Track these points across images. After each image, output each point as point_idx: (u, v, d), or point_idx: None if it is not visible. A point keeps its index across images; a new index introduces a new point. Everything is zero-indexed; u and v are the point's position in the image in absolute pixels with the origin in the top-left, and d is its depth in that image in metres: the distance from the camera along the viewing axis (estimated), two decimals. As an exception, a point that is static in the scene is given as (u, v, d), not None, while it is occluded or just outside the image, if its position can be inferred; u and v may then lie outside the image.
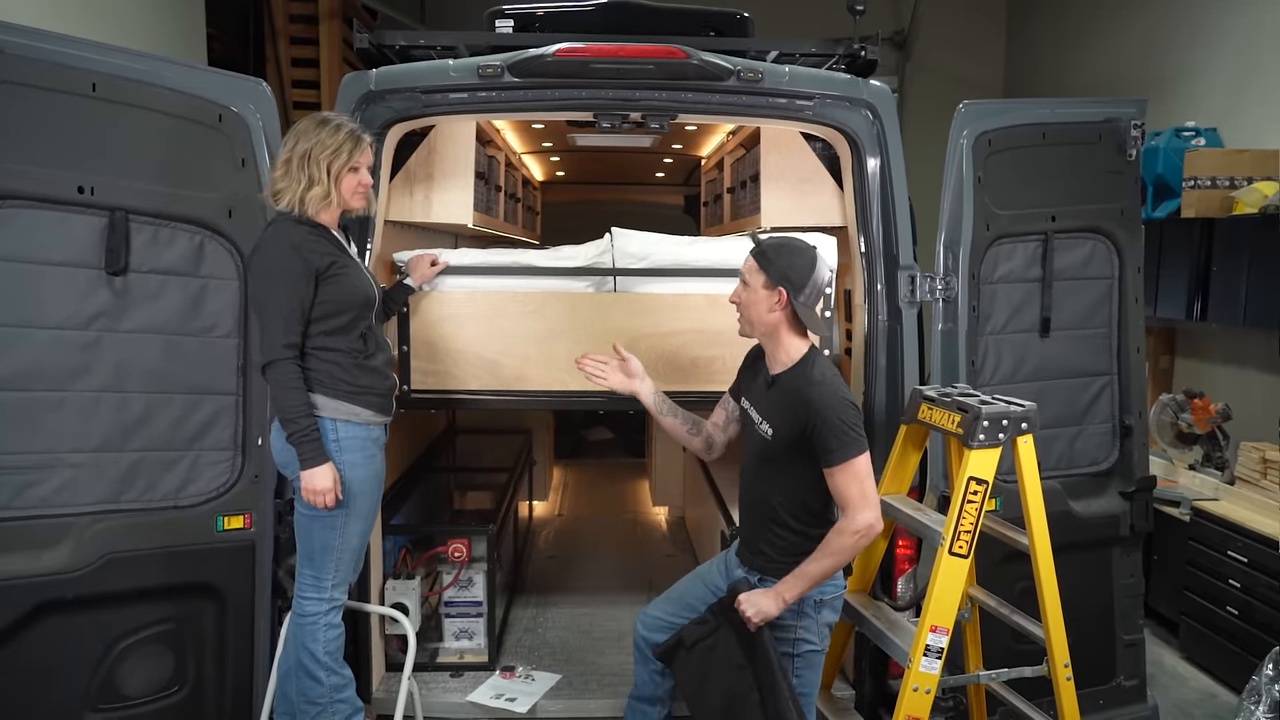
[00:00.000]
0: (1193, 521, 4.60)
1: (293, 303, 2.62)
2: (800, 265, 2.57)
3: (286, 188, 2.67)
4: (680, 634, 2.77)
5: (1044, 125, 3.26)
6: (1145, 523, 3.42)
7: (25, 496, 2.66)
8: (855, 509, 2.48)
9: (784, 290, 2.56)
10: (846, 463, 2.48)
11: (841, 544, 2.49)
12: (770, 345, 2.67)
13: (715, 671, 2.69)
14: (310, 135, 2.67)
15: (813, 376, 2.56)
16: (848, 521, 2.48)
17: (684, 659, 2.76)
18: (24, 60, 2.56)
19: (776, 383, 2.65)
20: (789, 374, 2.62)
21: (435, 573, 3.65)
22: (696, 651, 2.73)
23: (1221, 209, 4.92)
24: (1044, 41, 8.03)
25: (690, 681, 2.76)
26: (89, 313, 2.71)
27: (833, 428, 2.47)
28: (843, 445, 2.47)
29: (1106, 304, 3.40)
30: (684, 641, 2.76)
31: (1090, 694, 3.27)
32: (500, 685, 3.44)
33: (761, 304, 2.60)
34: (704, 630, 2.73)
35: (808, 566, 2.52)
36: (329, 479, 2.64)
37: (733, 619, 2.64)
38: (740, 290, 2.66)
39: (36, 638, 2.66)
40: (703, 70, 3.10)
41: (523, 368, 3.33)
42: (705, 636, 2.72)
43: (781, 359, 2.64)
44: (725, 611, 2.68)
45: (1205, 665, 4.53)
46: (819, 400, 2.50)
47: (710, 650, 2.70)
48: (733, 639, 2.66)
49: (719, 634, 2.69)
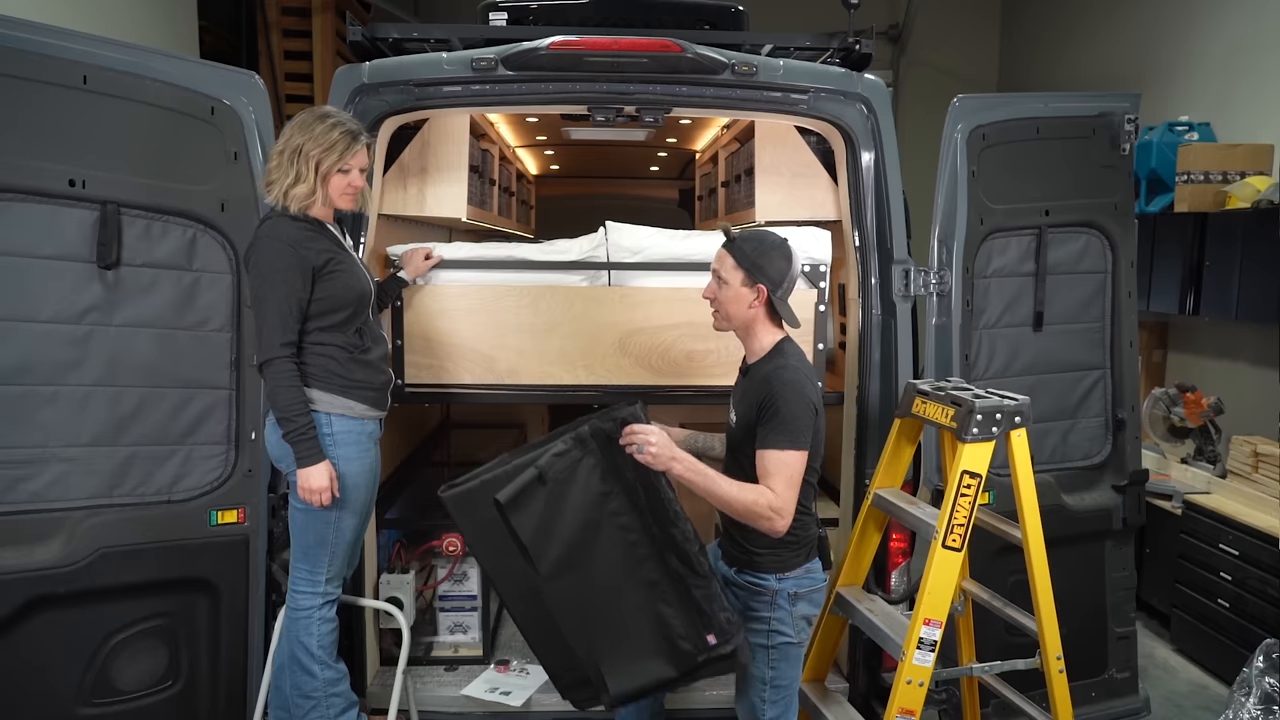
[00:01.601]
0: (1184, 515, 4.62)
1: (290, 301, 2.61)
2: (776, 260, 2.56)
3: (276, 181, 2.66)
4: (537, 467, 2.45)
5: (1038, 119, 3.27)
6: (1137, 516, 3.43)
7: (18, 491, 2.65)
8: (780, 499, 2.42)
9: (763, 287, 2.55)
10: (781, 450, 2.44)
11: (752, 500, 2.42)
12: (746, 338, 2.66)
13: (569, 503, 2.47)
14: (306, 130, 2.66)
15: (783, 364, 2.54)
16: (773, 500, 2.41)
17: (535, 496, 2.44)
18: (14, 52, 2.55)
19: (750, 372, 2.65)
20: (760, 363, 2.61)
21: (430, 567, 3.65)
22: (552, 485, 2.46)
23: (1214, 203, 4.93)
24: (1038, 36, 8.03)
25: (533, 523, 2.45)
26: (81, 307, 2.70)
27: (781, 415, 2.44)
28: (784, 433, 2.44)
29: (1100, 298, 3.41)
30: (542, 476, 2.44)
31: (1082, 686, 3.29)
32: (495, 679, 3.44)
33: (741, 300, 2.57)
34: (565, 461, 2.48)
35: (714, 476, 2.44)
36: (325, 478, 2.64)
37: (605, 445, 2.47)
38: (715, 286, 2.63)
39: (30, 632, 2.66)
40: (697, 64, 3.09)
41: (517, 362, 3.32)
42: (567, 468, 2.47)
43: (755, 350, 2.64)
44: (595, 439, 2.48)
45: (1196, 657, 4.55)
46: (779, 386, 2.48)
47: (567, 482, 2.47)
48: (598, 466, 2.48)
49: (583, 462, 2.49)
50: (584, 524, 2.49)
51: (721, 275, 2.60)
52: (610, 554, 2.51)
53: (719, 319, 2.66)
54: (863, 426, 3.29)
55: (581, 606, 2.53)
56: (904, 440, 2.95)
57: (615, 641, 2.54)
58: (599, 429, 2.51)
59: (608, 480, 2.50)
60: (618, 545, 2.51)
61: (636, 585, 2.53)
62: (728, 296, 2.59)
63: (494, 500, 2.45)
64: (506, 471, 2.49)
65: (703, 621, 2.51)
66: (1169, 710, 4.13)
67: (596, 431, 2.51)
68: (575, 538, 2.48)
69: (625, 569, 2.52)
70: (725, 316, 2.64)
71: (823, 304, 3.36)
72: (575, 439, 2.50)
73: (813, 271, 3.39)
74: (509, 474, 2.48)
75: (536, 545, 2.47)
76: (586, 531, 2.49)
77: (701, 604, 2.51)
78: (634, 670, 2.54)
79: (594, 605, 2.54)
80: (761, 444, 2.47)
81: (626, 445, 2.44)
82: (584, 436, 2.51)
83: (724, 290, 2.60)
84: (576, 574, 2.50)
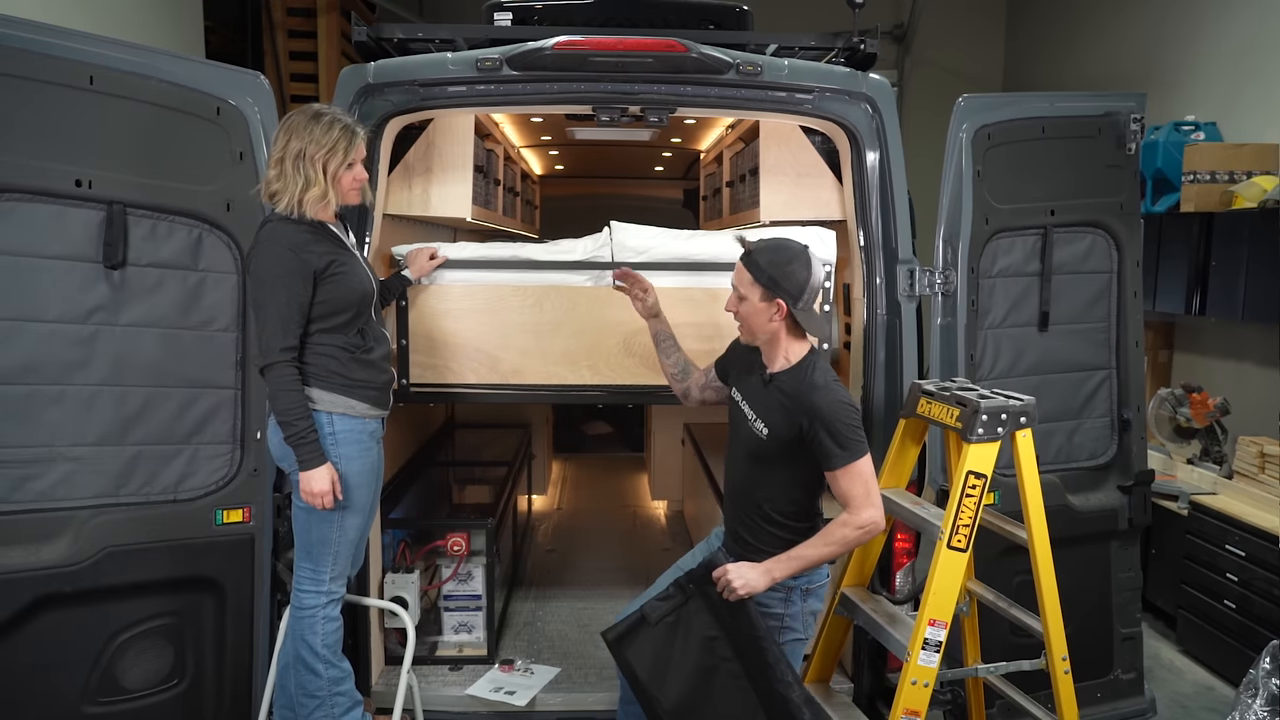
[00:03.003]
0: (1190, 515, 4.61)
1: (290, 307, 2.61)
2: (796, 273, 2.56)
3: (283, 189, 2.64)
4: (642, 610, 2.67)
5: (1043, 119, 3.26)
6: (1143, 517, 3.42)
7: (24, 490, 2.66)
8: (860, 506, 2.51)
9: (782, 302, 2.56)
10: (851, 464, 2.50)
11: (844, 535, 2.52)
12: (770, 349, 2.67)
13: (680, 647, 2.61)
14: (303, 133, 2.63)
15: (815, 381, 2.56)
16: (852, 516, 2.51)
17: (644, 637, 2.64)
18: (21, 53, 2.56)
19: (774, 382, 2.65)
20: (788, 375, 2.62)
21: (434, 566, 3.65)
22: (660, 628, 2.63)
23: (1220, 203, 4.92)
24: (1044, 35, 8.02)
25: (646, 661, 2.64)
26: (87, 306, 2.71)
27: (836, 433, 2.49)
28: (846, 449, 2.50)
29: (1105, 298, 3.40)
30: (647, 618, 2.65)
31: (1088, 687, 3.28)
32: (499, 678, 3.44)
33: (761, 315, 2.59)
34: (669, 606, 2.65)
35: (804, 550, 2.54)
36: (327, 481, 2.64)
37: (705, 591, 2.60)
38: (735, 301, 2.65)
39: (36, 631, 2.66)
40: (702, 63, 3.09)
41: (521, 361, 3.32)
42: (669, 613, 2.64)
43: (780, 361, 2.65)
44: (694, 584, 2.63)
45: (1202, 659, 4.54)
46: (822, 405, 2.51)
47: (673, 626, 2.62)
48: (703, 611, 2.61)
49: (686, 608, 2.63)
50: (697, 668, 2.61)
51: (740, 291, 2.61)
52: (728, 698, 2.59)
53: (744, 332, 2.69)
54: (867, 427, 3.26)
55: None
56: (909, 441, 2.95)
57: None
58: (696, 576, 2.65)
59: (712, 625, 2.61)
60: (731, 691, 2.60)
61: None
62: (749, 311, 2.61)
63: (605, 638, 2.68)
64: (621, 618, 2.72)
65: None
66: (1175, 711, 4.12)
67: (695, 578, 2.64)
68: (692, 681, 2.60)
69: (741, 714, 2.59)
70: (749, 331, 2.66)
71: (828, 304, 3.35)
72: (676, 585, 2.68)
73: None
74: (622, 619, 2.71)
75: (653, 681, 2.62)
76: (702, 676, 2.61)
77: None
78: None
79: None
80: (831, 466, 2.52)
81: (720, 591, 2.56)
82: (683, 583, 2.66)
83: (744, 305, 2.62)
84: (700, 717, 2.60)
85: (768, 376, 2.67)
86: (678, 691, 2.60)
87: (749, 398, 2.72)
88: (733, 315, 2.68)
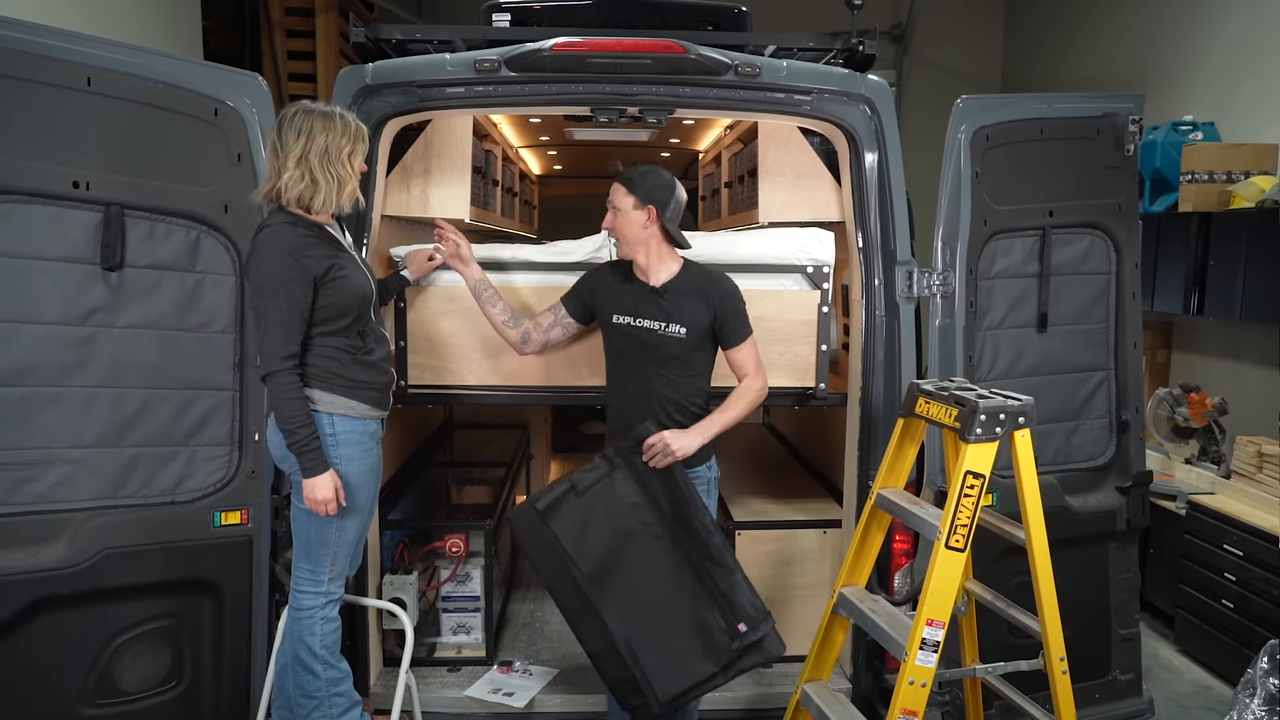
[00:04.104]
0: (1189, 515, 4.61)
1: (292, 314, 2.60)
2: (662, 185, 2.90)
3: (314, 191, 2.62)
4: (570, 480, 2.89)
5: (1042, 120, 3.26)
6: (1142, 517, 3.43)
7: (22, 492, 2.65)
8: (757, 370, 2.99)
9: (653, 208, 2.87)
10: (749, 337, 2.97)
11: (753, 397, 2.96)
12: (647, 259, 2.95)
13: (603, 512, 2.85)
14: (321, 132, 2.62)
15: (712, 274, 2.98)
16: (754, 379, 2.98)
17: (570, 505, 2.85)
18: (18, 54, 2.55)
19: (668, 290, 2.94)
20: (680, 279, 2.95)
21: (433, 567, 3.65)
22: (587, 496, 2.87)
23: (1219, 203, 4.92)
24: (1042, 35, 8.02)
25: (574, 527, 2.85)
26: (85, 308, 2.71)
27: (739, 312, 2.95)
28: (744, 325, 2.96)
29: (1104, 299, 3.40)
30: (575, 487, 2.87)
31: (1086, 688, 3.29)
32: (498, 680, 3.45)
33: (635, 223, 2.90)
34: (595, 475, 2.89)
35: (724, 414, 2.92)
36: (330, 488, 2.64)
37: (631, 462, 2.86)
38: (612, 216, 2.95)
39: (34, 633, 2.66)
40: (700, 65, 3.09)
41: (520, 363, 3.32)
42: (596, 481, 2.88)
43: (662, 270, 2.96)
44: (620, 455, 2.88)
45: (1200, 658, 4.55)
46: (729, 290, 2.95)
47: (597, 495, 2.87)
48: (628, 480, 2.87)
49: (611, 478, 2.88)
50: (618, 531, 2.85)
51: (615, 204, 2.93)
52: (645, 558, 2.84)
53: (620, 246, 2.98)
54: (866, 427, 3.28)
55: (624, 610, 2.82)
56: (907, 441, 2.94)
57: (658, 645, 2.79)
58: (621, 449, 2.90)
59: (635, 493, 2.87)
60: (651, 550, 2.85)
61: (672, 586, 2.83)
62: (623, 222, 2.92)
63: (533, 508, 2.85)
64: (549, 489, 2.91)
65: (733, 612, 2.80)
66: (1173, 711, 4.12)
67: (620, 451, 2.90)
68: (612, 543, 2.84)
69: (660, 572, 2.84)
70: (624, 241, 2.95)
71: (826, 305, 3.36)
72: (603, 458, 2.91)
73: (816, 272, 3.39)
74: (549, 490, 2.90)
75: (574, 546, 2.83)
76: (622, 539, 2.85)
77: (729, 594, 2.81)
78: (677, 672, 2.79)
79: (636, 608, 2.82)
80: (734, 343, 2.96)
81: (649, 459, 2.83)
82: (609, 456, 2.91)
83: (619, 217, 2.92)
84: (618, 578, 2.83)
85: (660, 287, 2.94)
86: (598, 556, 2.83)
87: (643, 313, 2.95)
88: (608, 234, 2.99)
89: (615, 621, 2.80)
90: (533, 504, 2.88)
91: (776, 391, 3.41)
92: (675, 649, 2.78)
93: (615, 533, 2.84)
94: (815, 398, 3.41)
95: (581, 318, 3.13)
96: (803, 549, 3.61)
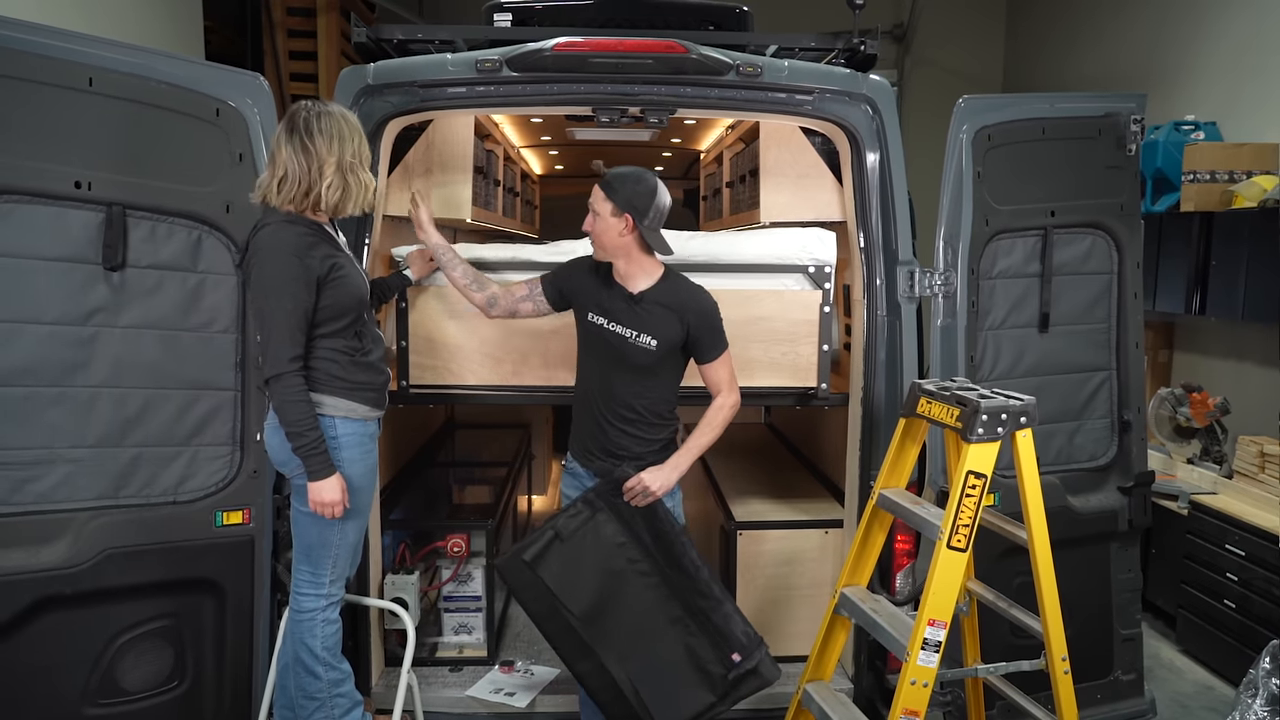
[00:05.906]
0: (1190, 515, 4.61)
1: (296, 316, 2.59)
2: (642, 193, 2.83)
3: (345, 196, 2.65)
4: (554, 527, 2.89)
5: (1043, 120, 3.26)
6: (1143, 518, 3.42)
7: (24, 492, 2.66)
8: (731, 388, 2.94)
9: (629, 216, 2.81)
10: (724, 353, 2.92)
11: (725, 416, 2.92)
12: (626, 266, 2.91)
13: (590, 555, 2.86)
14: (349, 136, 2.65)
15: (691, 289, 2.92)
16: (727, 397, 2.93)
17: (557, 552, 2.86)
18: (19, 54, 2.55)
19: (644, 299, 2.89)
20: (658, 289, 2.90)
21: (434, 567, 3.65)
22: (572, 541, 2.87)
23: (1220, 203, 4.91)
24: (1044, 35, 8.02)
25: (557, 575, 2.85)
26: (87, 308, 2.71)
27: (715, 329, 2.90)
28: (720, 342, 2.92)
29: (1106, 299, 3.40)
30: (560, 534, 2.88)
31: (1088, 688, 3.28)
32: (499, 680, 3.45)
33: (612, 230, 2.85)
34: (579, 519, 2.89)
35: (697, 440, 2.91)
36: (337, 491, 2.64)
37: (613, 504, 2.87)
38: (591, 220, 2.89)
39: (35, 633, 2.66)
40: (702, 65, 3.09)
41: (521, 362, 3.33)
42: (580, 525, 2.89)
43: (641, 278, 2.91)
44: (601, 498, 2.89)
45: (1202, 658, 4.54)
46: (706, 306, 2.90)
47: (585, 538, 2.88)
48: (611, 522, 2.88)
49: (594, 520, 2.88)
50: (607, 572, 2.86)
51: (595, 208, 2.89)
52: (636, 596, 2.86)
53: (598, 251, 2.93)
54: (868, 427, 3.28)
55: (621, 648, 2.83)
56: (909, 441, 2.94)
57: (656, 679, 2.80)
58: (602, 491, 2.91)
59: (620, 533, 2.89)
60: (641, 588, 2.86)
61: (664, 623, 2.84)
62: (601, 228, 2.87)
63: (520, 559, 2.85)
64: (533, 538, 2.90)
65: (726, 643, 2.81)
66: (1175, 711, 4.12)
67: (600, 493, 2.91)
68: (602, 584, 2.85)
69: (651, 609, 2.85)
70: (601, 246, 2.91)
71: (828, 305, 3.36)
72: (584, 501, 2.92)
73: (818, 272, 3.39)
74: (534, 539, 2.89)
75: (565, 591, 2.84)
76: (611, 579, 2.86)
77: (720, 626, 2.82)
78: (679, 704, 2.81)
79: (632, 645, 2.83)
80: (710, 358, 2.92)
81: (630, 500, 2.85)
82: (590, 499, 2.91)
83: (598, 222, 2.87)
84: (611, 618, 2.84)
85: (637, 295, 2.90)
86: (589, 598, 2.84)
87: (617, 318, 2.90)
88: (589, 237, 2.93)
89: (613, 660, 2.81)
90: (519, 554, 2.87)
91: (778, 391, 3.41)
92: (674, 682, 2.80)
93: (604, 574, 2.85)
94: (817, 398, 3.41)
95: (555, 304, 3.07)
96: (804, 549, 3.61)
